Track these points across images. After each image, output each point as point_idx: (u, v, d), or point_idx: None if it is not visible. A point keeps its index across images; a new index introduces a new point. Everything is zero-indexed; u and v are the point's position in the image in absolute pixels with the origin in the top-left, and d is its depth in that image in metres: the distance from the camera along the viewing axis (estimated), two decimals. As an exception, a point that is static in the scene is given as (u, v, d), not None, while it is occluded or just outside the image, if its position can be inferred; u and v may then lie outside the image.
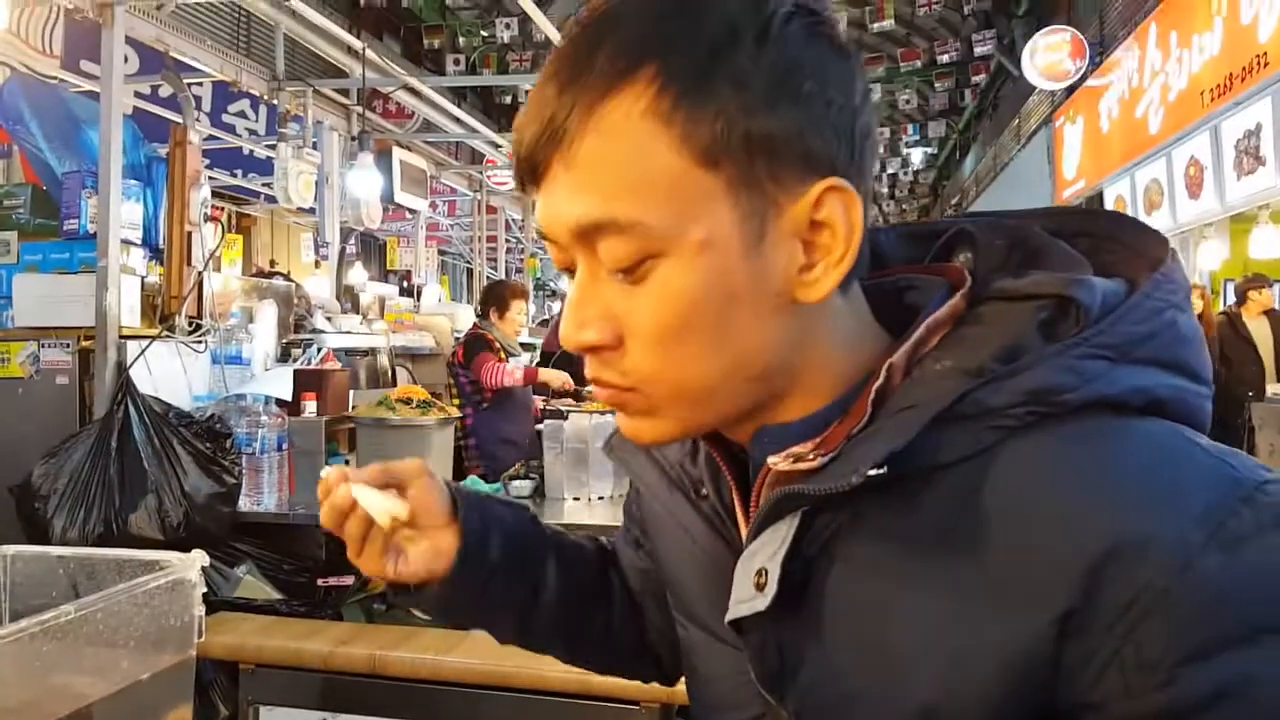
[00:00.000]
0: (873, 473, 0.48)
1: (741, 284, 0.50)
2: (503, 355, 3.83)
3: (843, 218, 0.50)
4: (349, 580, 2.59)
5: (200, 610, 0.76)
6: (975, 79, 11.23)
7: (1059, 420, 0.49)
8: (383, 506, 0.64)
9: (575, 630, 0.78)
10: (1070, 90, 8.21)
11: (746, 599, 0.55)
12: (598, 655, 0.81)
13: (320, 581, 2.55)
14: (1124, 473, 0.47)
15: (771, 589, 0.52)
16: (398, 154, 4.28)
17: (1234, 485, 0.46)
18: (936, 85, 11.22)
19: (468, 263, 10.55)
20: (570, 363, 4.34)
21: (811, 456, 0.52)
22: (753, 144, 0.48)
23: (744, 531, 0.59)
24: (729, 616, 0.56)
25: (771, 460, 0.54)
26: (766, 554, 0.54)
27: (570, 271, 0.54)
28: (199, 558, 0.75)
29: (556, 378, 3.86)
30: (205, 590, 0.77)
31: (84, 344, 2.60)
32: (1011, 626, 0.47)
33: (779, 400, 0.55)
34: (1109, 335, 0.50)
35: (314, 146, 3.68)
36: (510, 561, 0.71)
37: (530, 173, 0.52)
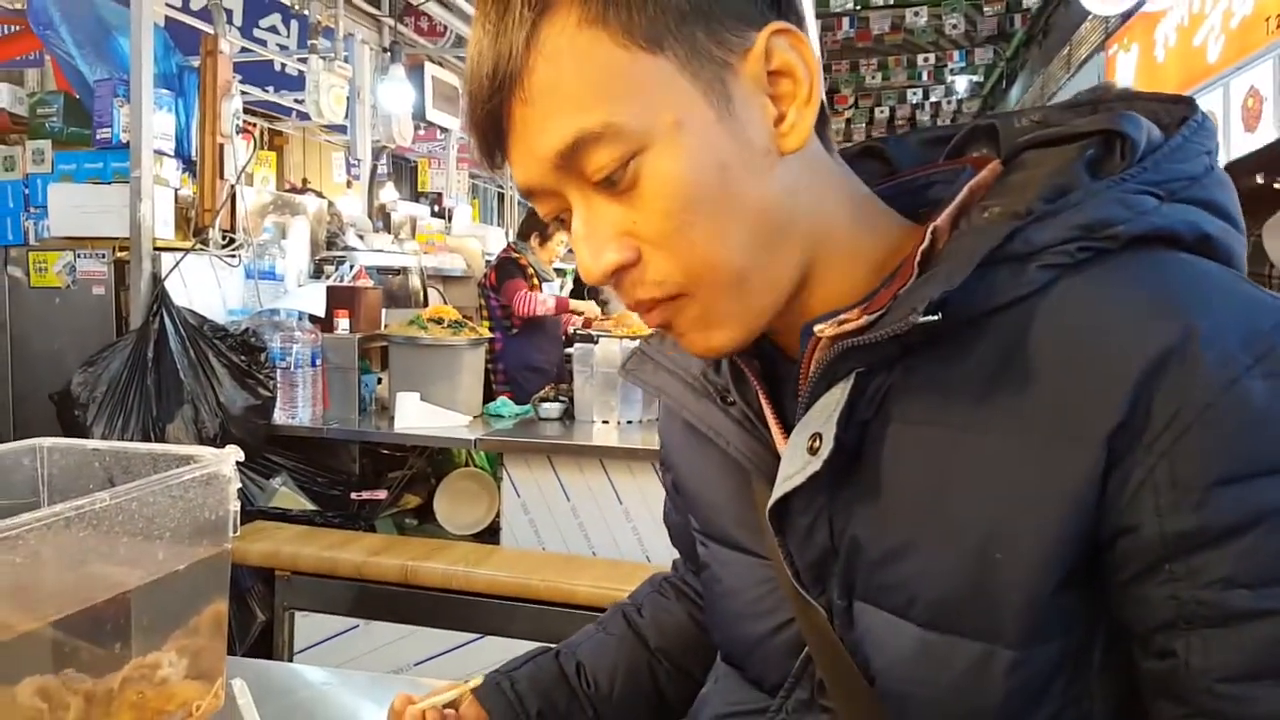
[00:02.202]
0: (926, 318, 0.48)
1: (727, 151, 0.50)
2: (535, 281, 3.80)
3: (796, 59, 0.51)
4: (382, 495, 2.63)
5: (235, 505, 0.76)
6: (1027, 2, 10.74)
7: (1111, 255, 0.49)
8: (446, 695, 0.76)
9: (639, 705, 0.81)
10: (1126, 16, 7.81)
11: (797, 469, 0.54)
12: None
13: (354, 495, 2.59)
14: (1175, 293, 0.47)
15: (827, 448, 0.52)
16: (429, 69, 4.20)
17: None
18: (985, 9, 10.74)
19: (499, 187, 10.46)
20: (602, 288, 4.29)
21: (858, 315, 0.52)
22: (686, 16, 0.49)
23: (777, 435, 0.59)
24: (775, 495, 0.56)
25: (818, 329, 0.53)
26: (820, 420, 0.54)
27: (563, 221, 0.54)
28: (233, 453, 0.74)
29: (590, 309, 3.83)
30: (240, 498, 0.76)
31: (119, 255, 2.61)
32: (1066, 454, 0.47)
33: (818, 283, 0.55)
34: (1155, 173, 0.50)
35: (345, 60, 3.61)
36: (545, 692, 0.77)
37: (493, 129, 0.52)
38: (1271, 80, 5.29)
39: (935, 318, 0.48)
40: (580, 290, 4.46)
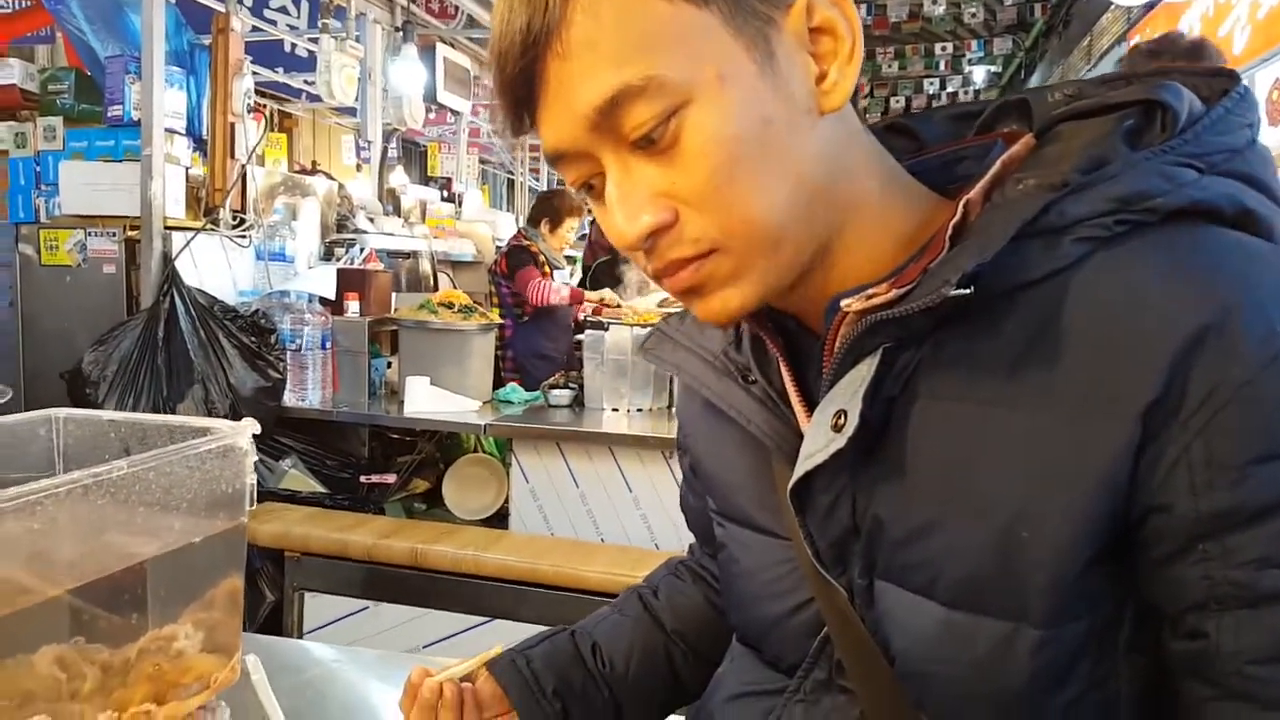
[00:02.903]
0: (958, 291, 0.46)
1: (770, 106, 0.49)
2: (547, 269, 3.78)
3: (838, 16, 0.51)
4: (391, 479, 2.63)
5: (252, 478, 0.75)
6: (1049, -9, 10.63)
7: (1148, 229, 0.48)
8: (462, 667, 0.75)
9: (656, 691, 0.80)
10: (1149, 7, 7.72)
11: (821, 446, 0.53)
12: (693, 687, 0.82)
13: (363, 478, 2.59)
14: (1215, 268, 0.46)
15: (853, 424, 0.51)
16: (441, 50, 4.17)
17: None
18: (1006, -1, 10.65)
19: (509, 172, 10.43)
20: (610, 275, 4.29)
21: (887, 289, 0.51)
22: None
23: (799, 413, 0.58)
24: (798, 473, 0.55)
25: (845, 303, 0.52)
26: (845, 396, 0.52)
27: (589, 188, 0.53)
28: (250, 425, 0.73)
29: (605, 295, 3.82)
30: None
31: (130, 234, 2.60)
32: (1098, 430, 0.46)
33: (845, 253, 0.54)
34: (1195, 145, 0.49)
35: (357, 40, 3.58)
36: (563, 674, 0.76)
37: (525, 88, 0.50)
38: (1295, 73, 5.23)
39: (968, 291, 0.47)
40: (588, 279, 4.44)
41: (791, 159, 0.50)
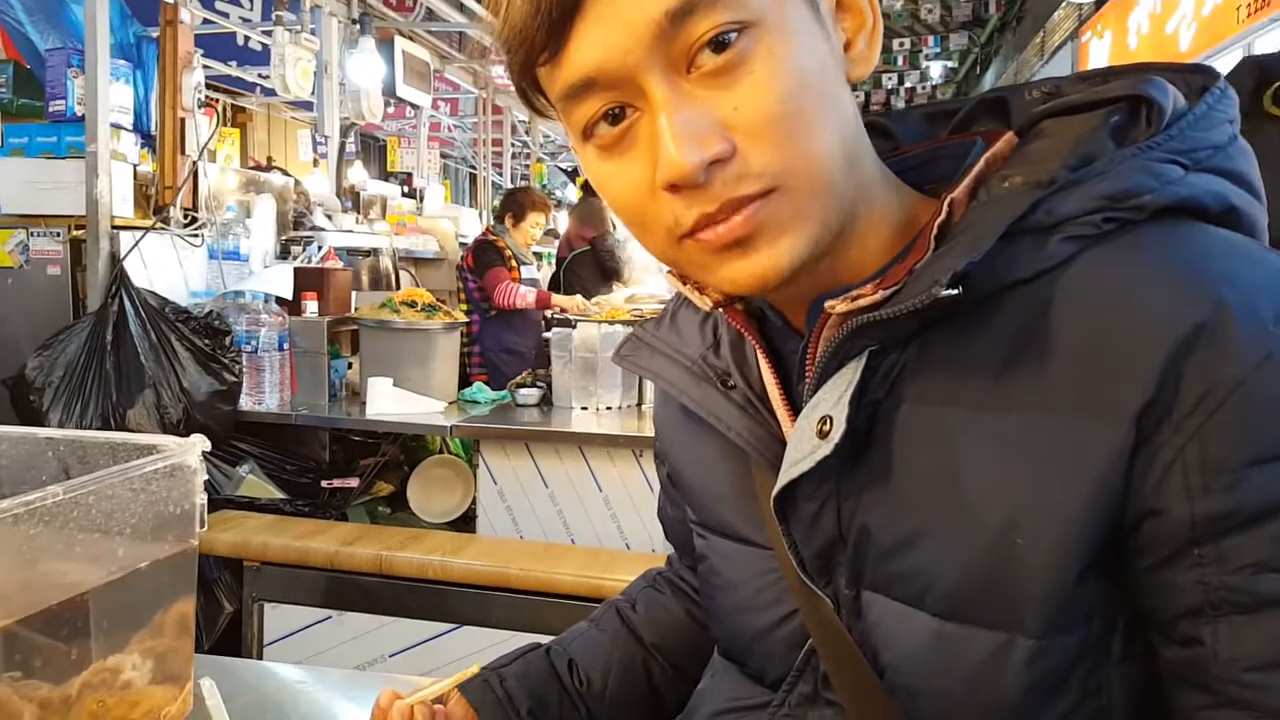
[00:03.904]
0: (946, 292, 0.45)
1: (823, 51, 0.48)
2: (514, 264, 3.77)
3: None
4: (353, 482, 2.57)
5: (202, 498, 0.70)
6: (1003, -12, 10.80)
7: (1136, 227, 0.47)
8: (434, 689, 0.71)
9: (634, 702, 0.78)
10: (1100, 3, 7.88)
11: (806, 453, 0.51)
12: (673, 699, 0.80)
13: (325, 483, 2.53)
14: (1205, 266, 0.45)
15: (839, 430, 0.49)
16: (399, 43, 4.09)
17: None
18: (960, -5, 10.78)
19: (471, 167, 10.32)
20: (584, 266, 4.27)
21: (873, 290, 0.49)
22: None
23: (783, 418, 0.56)
24: (781, 481, 0.53)
25: (829, 304, 0.50)
26: (830, 401, 0.51)
27: (612, 116, 0.48)
28: (199, 442, 0.69)
29: (572, 303, 3.79)
30: (207, 484, 0.71)
31: (75, 233, 2.51)
32: (1091, 433, 0.45)
33: (844, 246, 0.52)
34: (1180, 141, 0.48)
35: (312, 33, 3.50)
36: (535, 688, 0.74)
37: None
38: (1241, 68, 5.35)
39: (957, 291, 0.45)
40: (562, 273, 4.42)
41: (840, 109, 0.49)
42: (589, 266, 4.28)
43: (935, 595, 0.49)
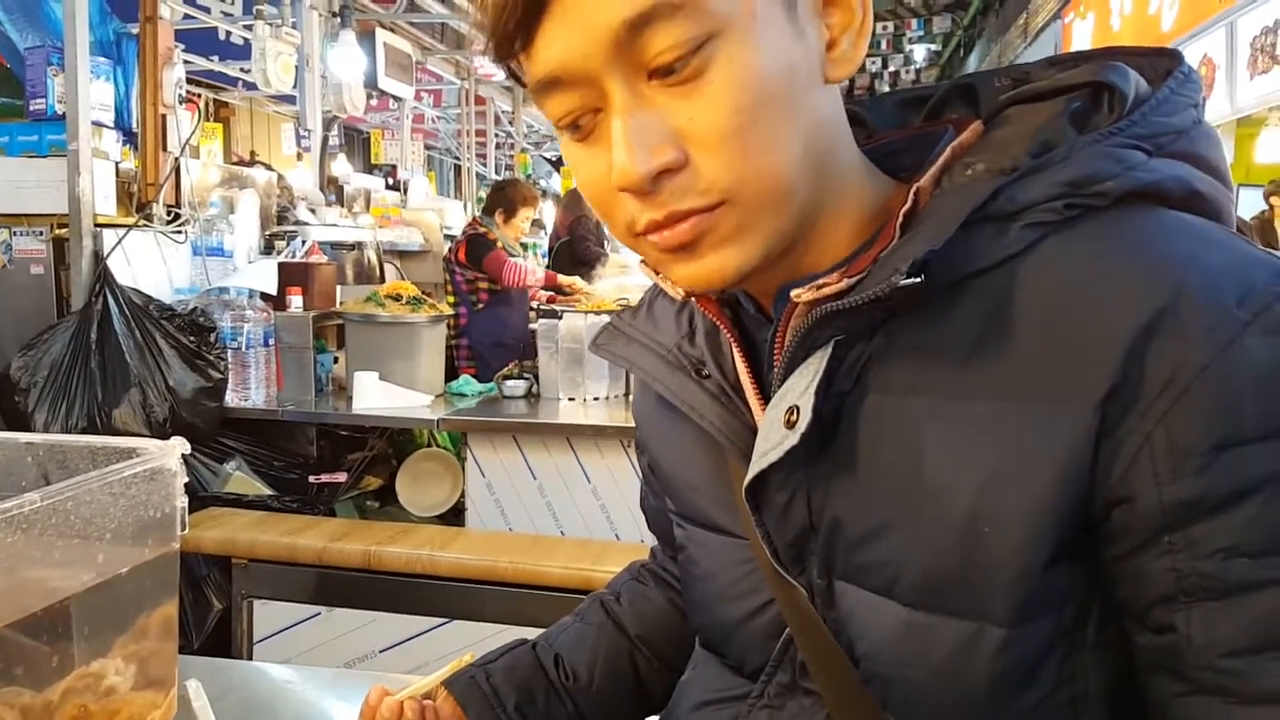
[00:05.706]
0: (907, 281, 0.45)
1: (794, 56, 0.47)
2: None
3: None
4: (341, 477, 2.56)
5: (182, 501, 0.71)
6: (985, -29, 10.76)
7: (1098, 213, 0.47)
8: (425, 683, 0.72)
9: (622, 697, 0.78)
10: (1084, -15, 7.84)
11: (775, 443, 0.51)
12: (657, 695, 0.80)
13: (312, 479, 2.53)
14: (1167, 251, 0.45)
15: (805, 420, 0.49)
16: (381, 36, 4.07)
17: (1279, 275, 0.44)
18: (943, -23, 10.74)
19: (455, 159, 10.26)
20: (571, 253, 4.28)
21: (838, 279, 0.49)
22: None
23: (755, 407, 0.56)
24: (751, 471, 0.53)
25: (795, 293, 0.50)
26: (797, 392, 0.51)
27: (576, 126, 0.49)
28: (179, 444, 0.69)
29: (577, 282, 3.81)
30: (193, 484, 0.71)
31: (58, 232, 2.49)
32: (1056, 419, 0.45)
33: (816, 236, 0.52)
34: (1143, 126, 0.48)
35: (293, 26, 3.47)
36: (522, 682, 0.74)
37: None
38: (1224, 48, 5.36)
39: (918, 280, 0.45)
40: (550, 261, 4.43)
41: (806, 115, 0.48)
42: (573, 256, 4.29)
43: (904, 585, 0.50)
